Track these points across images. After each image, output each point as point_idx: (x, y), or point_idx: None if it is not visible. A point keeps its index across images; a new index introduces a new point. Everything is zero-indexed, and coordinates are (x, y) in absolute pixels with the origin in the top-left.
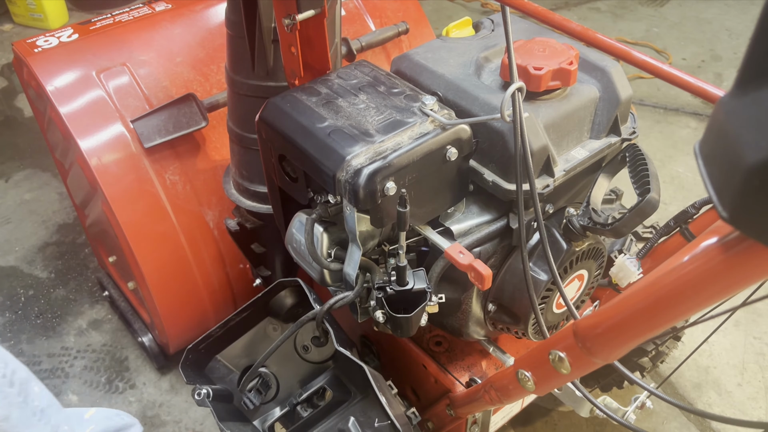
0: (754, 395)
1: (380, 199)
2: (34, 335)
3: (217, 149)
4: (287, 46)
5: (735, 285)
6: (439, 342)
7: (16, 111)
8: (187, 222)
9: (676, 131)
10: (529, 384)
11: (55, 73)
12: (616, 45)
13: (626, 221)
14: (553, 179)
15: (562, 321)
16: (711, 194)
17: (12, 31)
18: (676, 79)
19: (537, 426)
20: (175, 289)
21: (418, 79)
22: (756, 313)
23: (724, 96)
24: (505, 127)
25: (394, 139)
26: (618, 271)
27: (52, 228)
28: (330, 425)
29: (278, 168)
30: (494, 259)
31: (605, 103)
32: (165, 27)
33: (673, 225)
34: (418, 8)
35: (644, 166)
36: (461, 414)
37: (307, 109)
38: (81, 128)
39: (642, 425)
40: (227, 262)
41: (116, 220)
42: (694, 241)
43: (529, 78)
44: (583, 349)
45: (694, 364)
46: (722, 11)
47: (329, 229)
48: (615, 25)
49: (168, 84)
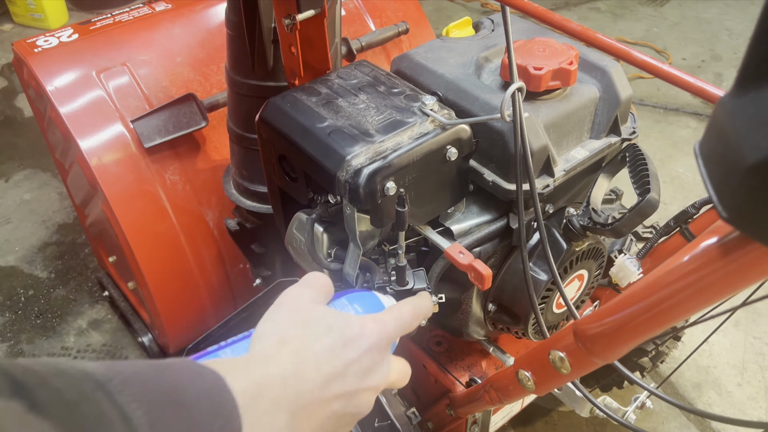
0: (754, 395)
1: (380, 199)
2: (34, 335)
3: (217, 149)
4: (287, 46)
5: (735, 285)
6: (439, 342)
7: (16, 111)
8: (187, 222)
9: (676, 131)
10: (529, 384)
11: (55, 73)
12: (616, 45)
13: (626, 221)
14: (553, 179)
15: (562, 321)
16: (711, 194)
17: (12, 31)
18: (676, 79)
19: (537, 426)
20: (175, 289)
21: (418, 79)
22: (756, 313)
23: (724, 96)
24: (505, 127)
25: (394, 139)
26: (618, 271)
27: (52, 228)
28: None
29: (278, 168)
30: (494, 259)
31: (605, 103)
32: (165, 27)
33: (673, 225)
34: (418, 8)
35: (644, 166)
36: (461, 414)
37: (307, 109)
38: (81, 128)
39: (642, 425)
40: (227, 262)
41: (116, 220)
42: (694, 241)
43: (529, 78)
44: (583, 349)
45: (694, 364)
46: (722, 11)
47: (329, 229)
48: (615, 25)
49: (168, 84)
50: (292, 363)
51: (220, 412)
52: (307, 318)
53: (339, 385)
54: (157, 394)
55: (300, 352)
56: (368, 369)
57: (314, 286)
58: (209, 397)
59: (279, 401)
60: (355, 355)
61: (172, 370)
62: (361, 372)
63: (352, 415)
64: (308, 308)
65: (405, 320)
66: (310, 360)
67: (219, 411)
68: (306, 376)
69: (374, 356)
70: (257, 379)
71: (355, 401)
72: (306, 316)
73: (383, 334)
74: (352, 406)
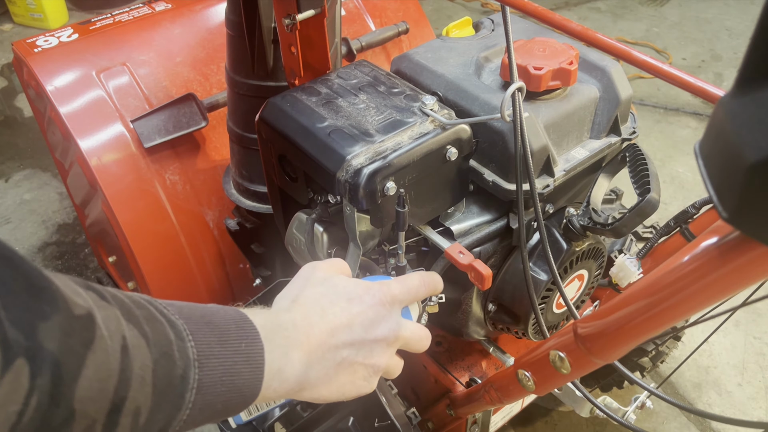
0: (754, 395)
1: (380, 199)
2: None
3: (217, 149)
4: (287, 46)
5: (735, 285)
6: (439, 342)
7: (16, 111)
8: (187, 222)
9: (676, 131)
10: (529, 384)
11: (54, 73)
12: (616, 45)
13: (626, 221)
14: (553, 179)
15: (562, 321)
16: (711, 194)
17: (12, 31)
18: (676, 79)
19: (537, 426)
20: (175, 289)
21: (418, 78)
22: (756, 313)
23: (724, 96)
24: (505, 127)
25: (394, 139)
26: (618, 271)
27: (52, 228)
28: (330, 425)
29: (278, 168)
30: (494, 259)
31: (605, 103)
32: (165, 27)
33: (673, 225)
34: (418, 8)
35: (644, 166)
36: (461, 414)
37: (307, 109)
38: (81, 128)
39: (642, 425)
40: (227, 262)
41: (116, 220)
42: (694, 241)
43: (529, 78)
44: (583, 349)
45: (694, 364)
46: (722, 11)
47: (329, 229)
48: (615, 25)
49: (168, 84)
50: (302, 314)
51: (245, 335)
52: (318, 281)
53: (346, 335)
54: (193, 315)
55: (309, 306)
56: (374, 321)
57: (331, 262)
58: (236, 323)
59: (291, 339)
60: (360, 309)
61: (202, 306)
62: (368, 322)
63: (365, 366)
64: (320, 275)
65: (412, 285)
66: (316, 312)
67: (245, 334)
68: (314, 324)
69: (379, 310)
70: (273, 320)
71: (365, 350)
72: (317, 280)
73: (388, 293)
74: (362, 355)
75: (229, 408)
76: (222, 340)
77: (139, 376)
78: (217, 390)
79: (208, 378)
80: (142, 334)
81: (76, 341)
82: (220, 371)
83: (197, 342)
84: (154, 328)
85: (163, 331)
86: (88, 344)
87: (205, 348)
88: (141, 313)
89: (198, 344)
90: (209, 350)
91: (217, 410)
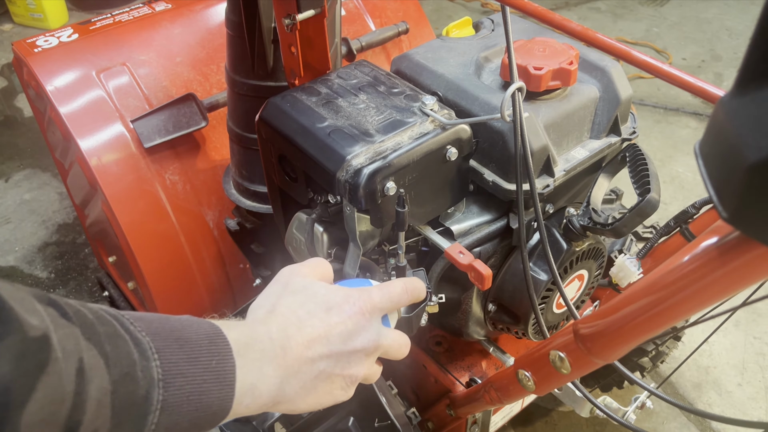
0: (754, 395)
1: (380, 199)
2: None
3: (217, 149)
4: (287, 46)
5: (735, 285)
6: (439, 342)
7: (16, 111)
8: (187, 222)
9: (676, 131)
10: (529, 384)
11: (54, 73)
12: (616, 45)
13: (626, 221)
14: (553, 179)
15: (562, 321)
16: (711, 194)
17: (12, 31)
18: (676, 79)
19: (537, 426)
20: (175, 289)
21: (418, 79)
22: (756, 313)
23: (724, 96)
24: (505, 127)
25: (394, 139)
26: (618, 271)
27: (52, 228)
28: (330, 425)
29: (278, 168)
30: (494, 259)
31: (605, 103)
32: (165, 27)
33: (673, 225)
34: (418, 8)
35: (644, 166)
36: (461, 414)
37: (307, 109)
38: (81, 128)
39: (642, 425)
40: (227, 262)
41: (116, 220)
42: (694, 241)
43: (529, 78)
44: (584, 349)
45: (694, 364)
46: (722, 11)
47: (329, 229)
48: (615, 25)
49: (168, 84)
50: (278, 325)
51: (217, 351)
52: (296, 289)
53: (323, 346)
54: (163, 330)
55: (286, 316)
56: (352, 332)
57: (311, 265)
58: (208, 338)
59: (266, 354)
60: (339, 319)
61: (175, 319)
62: (346, 333)
63: (343, 377)
64: (299, 282)
65: (393, 293)
66: (293, 323)
67: (216, 350)
68: (290, 337)
69: (359, 320)
70: (248, 333)
71: (343, 362)
72: (295, 288)
73: (368, 301)
74: (340, 367)
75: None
76: (191, 358)
77: (95, 399)
78: (184, 409)
79: (174, 398)
80: (101, 353)
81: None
82: (187, 390)
83: (163, 360)
84: (116, 346)
85: (126, 350)
86: (42, 367)
87: (171, 366)
88: (104, 330)
89: (164, 363)
90: (176, 369)
91: (185, 428)
